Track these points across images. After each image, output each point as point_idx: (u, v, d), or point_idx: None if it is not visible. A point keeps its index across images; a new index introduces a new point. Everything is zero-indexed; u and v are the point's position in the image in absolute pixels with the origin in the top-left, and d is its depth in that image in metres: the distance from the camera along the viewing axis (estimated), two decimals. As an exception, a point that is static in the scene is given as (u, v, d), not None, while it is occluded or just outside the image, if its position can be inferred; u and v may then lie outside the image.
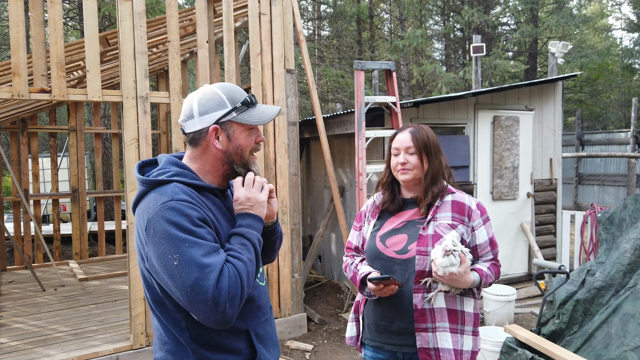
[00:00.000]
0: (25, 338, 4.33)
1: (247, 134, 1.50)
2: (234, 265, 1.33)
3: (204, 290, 1.26)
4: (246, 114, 1.48)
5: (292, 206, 4.86)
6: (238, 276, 1.32)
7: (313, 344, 4.65)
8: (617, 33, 26.00)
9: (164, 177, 1.42)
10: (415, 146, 1.97)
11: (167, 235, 1.29)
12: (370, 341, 2.05)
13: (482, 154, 5.88)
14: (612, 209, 3.73)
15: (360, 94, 4.65)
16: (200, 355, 1.42)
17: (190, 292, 1.26)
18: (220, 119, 1.46)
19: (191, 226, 1.31)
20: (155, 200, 1.35)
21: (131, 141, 3.99)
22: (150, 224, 1.32)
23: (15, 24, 3.58)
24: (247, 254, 1.39)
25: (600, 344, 2.95)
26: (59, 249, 7.49)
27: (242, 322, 1.47)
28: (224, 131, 1.47)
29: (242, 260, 1.36)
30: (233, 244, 1.41)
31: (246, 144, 1.50)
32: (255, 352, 1.49)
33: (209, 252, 1.30)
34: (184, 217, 1.32)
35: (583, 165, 13.69)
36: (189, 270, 1.27)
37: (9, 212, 11.06)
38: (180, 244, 1.28)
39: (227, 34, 4.53)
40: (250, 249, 1.41)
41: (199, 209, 1.36)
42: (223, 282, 1.28)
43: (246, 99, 1.48)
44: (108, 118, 10.58)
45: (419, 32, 13.85)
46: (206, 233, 1.34)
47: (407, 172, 1.98)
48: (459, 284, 1.85)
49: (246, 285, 1.34)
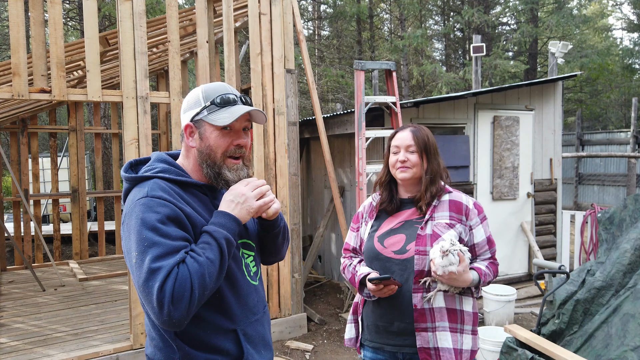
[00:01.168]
0: (25, 338, 4.33)
1: (218, 134, 1.45)
2: (187, 267, 1.29)
3: (150, 292, 1.26)
4: (215, 114, 1.45)
5: (292, 206, 4.86)
6: (188, 278, 1.27)
7: (313, 344, 4.65)
8: (617, 33, 26.03)
9: (149, 174, 1.43)
10: (416, 145, 1.98)
11: (134, 231, 1.32)
12: (369, 342, 2.04)
13: (482, 153, 5.88)
14: (612, 209, 3.73)
15: (360, 94, 4.65)
16: (184, 352, 1.41)
17: (142, 291, 1.28)
18: (193, 117, 1.47)
19: (157, 223, 1.31)
20: (133, 197, 1.39)
21: (131, 141, 3.99)
22: (124, 219, 1.38)
23: (15, 24, 3.58)
24: (209, 253, 1.33)
25: (600, 344, 2.95)
26: (59, 249, 7.50)
27: (229, 322, 1.46)
28: (197, 129, 1.48)
29: (198, 261, 1.30)
30: (198, 243, 1.38)
31: (216, 145, 1.45)
32: (242, 352, 1.46)
33: (166, 252, 1.29)
34: (153, 214, 1.32)
35: (583, 165, 13.69)
36: (141, 271, 1.28)
37: (9, 212, 11.06)
38: (141, 242, 1.30)
39: (227, 34, 4.53)
40: (214, 248, 1.35)
41: (172, 206, 1.36)
42: (167, 284, 1.25)
43: (216, 98, 1.45)
44: (108, 118, 10.58)
45: (419, 32, 13.85)
46: (172, 231, 1.33)
47: (406, 170, 1.98)
48: (458, 283, 1.85)
49: (197, 287, 1.28)
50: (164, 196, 1.36)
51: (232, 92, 1.49)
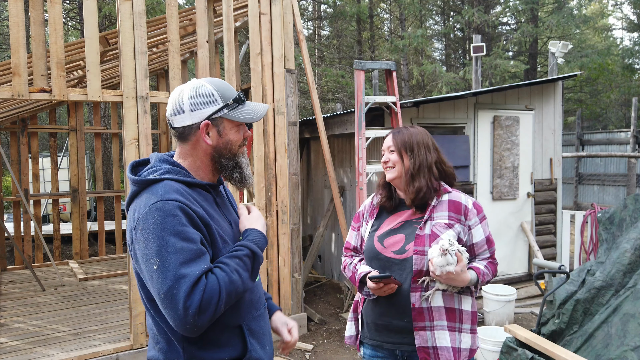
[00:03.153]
0: (25, 338, 4.33)
1: (236, 129, 1.53)
2: (217, 279, 1.33)
3: (175, 300, 1.26)
4: (237, 111, 1.50)
5: (292, 206, 4.86)
6: (217, 291, 1.30)
7: (313, 344, 4.65)
8: (617, 33, 26.06)
9: (156, 176, 1.42)
10: (394, 144, 2.04)
11: (152, 236, 1.30)
12: (369, 340, 2.06)
13: (482, 153, 5.88)
14: (612, 209, 3.73)
15: (360, 93, 4.65)
16: (190, 354, 1.42)
17: (163, 298, 1.28)
18: (211, 115, 1.47)
19: (178, 227, 1.32)
20: (146, 201, 1.36)
21: (131, 141, 3.99)
22: (138, 224, 1.34)
23: (15, 23, 3.58)
24: (242, 271, 1.40)
25: (600, 344, 2.95)
26: (59, 248, 7.50)
27: (234, 318, 1.48)
28: (215, 127, 1.49)
29: (231, 279, 1.35)
30: (230, 258, 1.41)
31: (235, 139, 1.53)
32: (246, 348, 1.48)
33: (189, 259, 1.30)
34: (171, 218, 1.32)
35: (583, 165, 13.69)
36: (165, 277, 1.27)
37: (9, 212, 11.06)
38: (162, 249, 1.29)
39: (227, 33, 4.53)
40: (248, 265, 1.42)
41: (187, 209, 1.36)
42: (196, 294, 1.27)
43: (237, 97, 1.51)
44: (108, 118, 10.59)
45: (419, 32, 13.85)
46: (193, 234, 1.34)
47: (389, 169, 2.05)
48: (456, 283, 1.86)
49: (224, 302, 1.33)
50: (179, 198, 1.36)
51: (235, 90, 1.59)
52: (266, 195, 4.69)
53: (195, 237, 1.34)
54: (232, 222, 1.58)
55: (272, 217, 4.73)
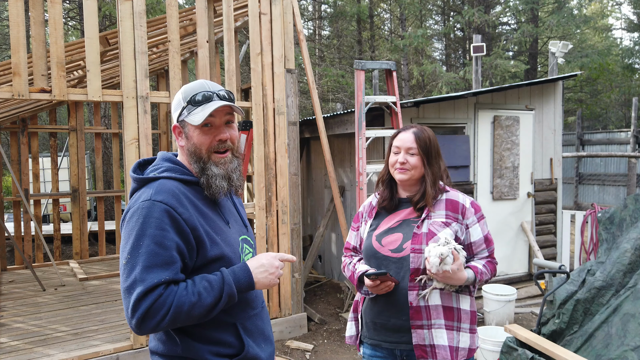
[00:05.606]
0: (25, 338, 4.33)
1: (200, 132, 1.48)
2: (174, 295, 1.33)
3: (129, 299, 1.32)
4: (193, 113, 1.48)
5: (292, 206, 4.86)
6: (167, 306, 1.31)
7: (313, 344, 4.65)
8: (617, 33, 26.01)
9: (155, 174, 1.47)
10: (417, 147, 1.98)
11: (133, 233, 1.36)
12: (368, 339, 2.06)
13: (482, 153, 5.88)
14: (613, 209, 3.73)
15: (360, 93, 4.65)
16: (187, 345, 1.45)
17: (123, 292, 1.35)
18: (178, 118, 1.52)
19: (156, 230, 1.35)
20: (138, 197, 1.42)
21: (131, 141, 3.99)
22: (124, 217, 1.42)
23: (16, 23, 3.58)
24: (206, 297, 1.36)
25: (600, 344, 2.95)
26: (59, 248, 7.50)
27: (228, 316, 1.49)
28: (183, 129, 1.52)
29: (190, 301, 1.33)
30: (201, 278, 1.39)
31: (200, 143, 1.48)
32: (243, 345, 1.50)
33: (155, 264, 1.33)
34: (153, 220, 1.35)
35: (583, 165, 13.69)
36: (128, 275, 1.33)
37: (9, 212, 11.06)
38: (135, 247, 1.34)
39: (227, 33, 4.53)
40: (216, 295, 1.38)
41: (174, 212, 1.38)
42: (146, 301, 1.30)
43: (193, 98, 1.48)
44: (108, 118, 10.59)
45: (420, 32, 13.85)
46: (168, 241, 1.35)
47: (405, 172, 2.00)
48: (453, 281, 1.86)
49: (170, 318, 1.32)
50: (167, 200, 1.39)
51: (208, 89, 1.49)
52: (266, 195, 4.69)
53: (169, 244, 1.35)
54: (230, 221, 1.59)
55: (272, 217, 4.73)
